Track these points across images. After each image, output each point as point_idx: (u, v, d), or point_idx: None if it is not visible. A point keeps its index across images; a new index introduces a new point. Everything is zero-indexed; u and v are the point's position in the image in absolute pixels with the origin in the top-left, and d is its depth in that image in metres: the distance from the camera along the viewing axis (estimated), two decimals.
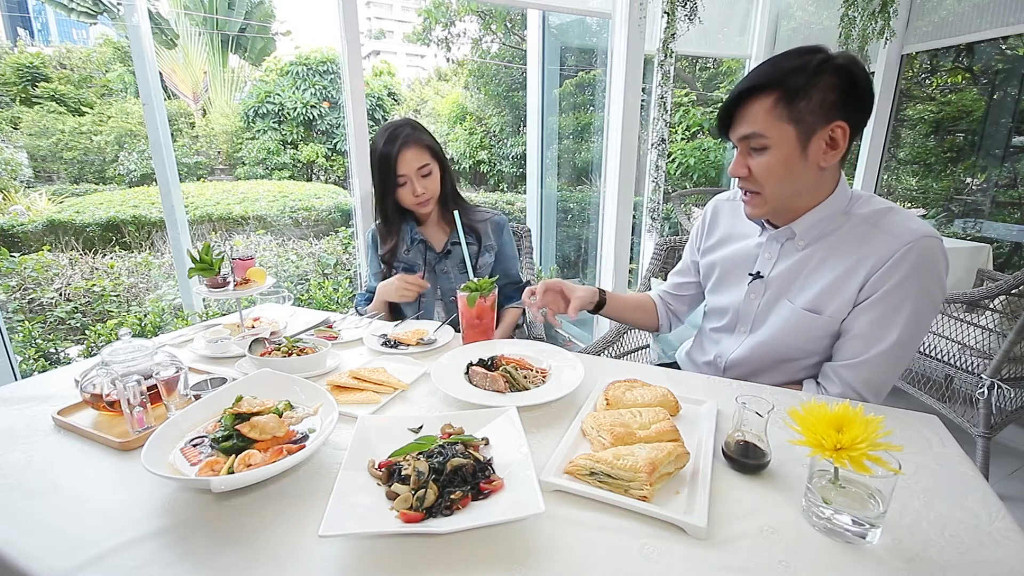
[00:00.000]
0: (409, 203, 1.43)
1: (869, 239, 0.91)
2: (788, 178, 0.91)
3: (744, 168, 0.94)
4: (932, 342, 1.95)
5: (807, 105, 0.85)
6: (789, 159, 0.89)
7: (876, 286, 0.90)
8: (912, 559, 0.56)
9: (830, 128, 0.86)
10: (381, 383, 0.97)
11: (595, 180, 3.42)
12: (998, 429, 1.76)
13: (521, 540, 0.59)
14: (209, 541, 0.59)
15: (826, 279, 0.95)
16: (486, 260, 1.52)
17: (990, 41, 3.01)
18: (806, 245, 0.98)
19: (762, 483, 0.69)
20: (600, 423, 0.76)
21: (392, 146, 1.35)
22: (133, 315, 2.60)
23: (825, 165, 0.90)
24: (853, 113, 0.86)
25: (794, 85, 0.84)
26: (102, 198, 5.32)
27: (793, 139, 0.87)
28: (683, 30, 2.61)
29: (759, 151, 0.91)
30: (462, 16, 7.32)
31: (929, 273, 0.87)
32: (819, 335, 0.98)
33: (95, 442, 0.80)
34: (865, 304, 0.91)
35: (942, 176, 3.63)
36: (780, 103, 0.86)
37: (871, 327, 0.91)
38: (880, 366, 0.92)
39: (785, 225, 1.00)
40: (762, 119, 0.88)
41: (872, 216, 0.93)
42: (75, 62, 7.55)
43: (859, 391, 0.94)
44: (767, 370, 1.07)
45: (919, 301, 0.88)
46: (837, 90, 0.84)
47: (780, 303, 1.01)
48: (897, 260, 0.87)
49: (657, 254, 1.83)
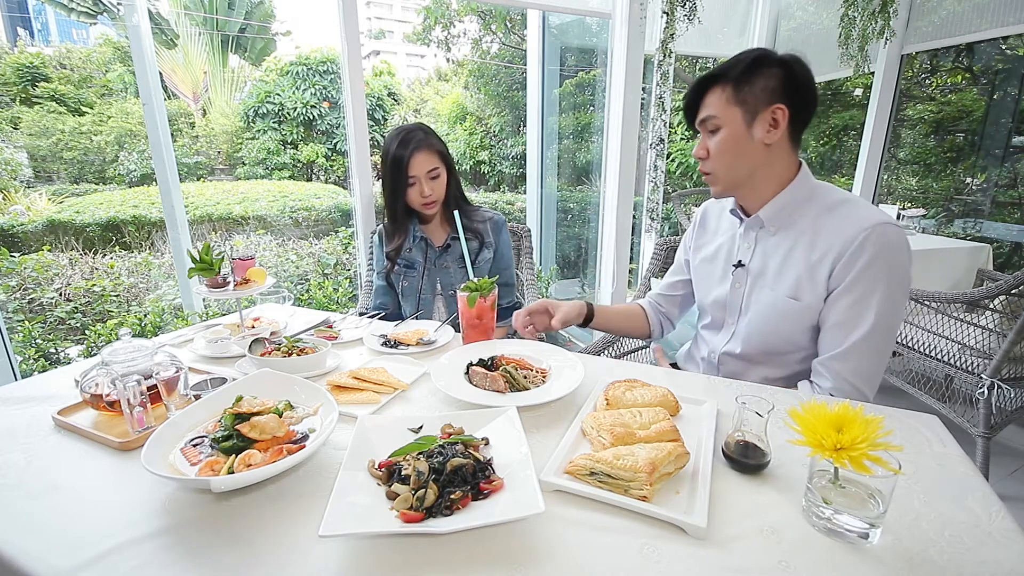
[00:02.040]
0: (416, 203, 1.50)
1: (830, 227, 1.00)
2: (738, 154, 1.03)
3: (703, 149, 1.07)
4: (932, 342, 1.95)
5: (750, 90, 0.98)
6: (737, 136, 1.01)
7: (843, 274, 0.97)
8: (912, 559, 0.56)
9: (771, 110, 0.98)
10: (381, 383, 0.97)
11: (595, 180, 3.42)
12: (998, 429, 1.76)
13: (521, 540, 0.59)
14: (209, 541, 0.59)
15: (799, 265, 1.02)
16: (485, 256, 1.58)
17: (990, 41, 3.01)
18: (776, 231, 1.07)
19: (762, 483, 0.69)
20: (600, 423, 0.76)
21: (405, 149, 1.43)
22: (133, 315, 2.60)
23: (769, 142, 1.01)
24: (793, 99, 0.98)
25: (739, 74, 0.99)
26: (102, 198, 5.32)
27: (740, 119, 1.00)
28: (683, 30, 2.61)
29: (714, 132, 1.04)
30: (462, 16, 7.32)
31: (892, 257, 0.94)
32: (802, 325, 1.04)
33: (95, 442, 0.80)
34: (836, 293, 0.98)
35: (942, 176, 3.63)
36: (728, 89, 1.00)
37: (847, 314, 0.97)
38: (865, 352, 0.97)
39: (755, 214, 1.08)
40: (715, 104, 1.02)
41: (832, 204, 1.02)
42: (75, 62, 7.55)
43: (851, 381, 0.98)
44: (758, 363, 1.12)
45: (888, 284, 0.94)
46: (776, 78, 0.97)
47: (762, 291, 1.08)
48: (857, 247, 0.95)
49: (657, 254, 1.84)
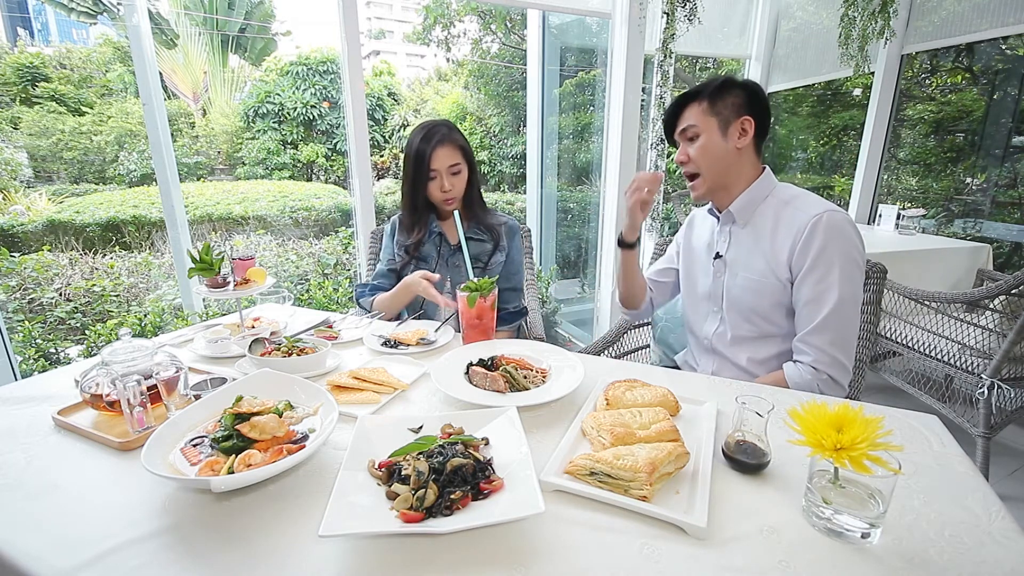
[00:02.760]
0: (436, 197, 1.50)
1: (785, 217, 1.17)
2: (715, 157, 1.20)
3: (685, 155, 1.23)
4: (932, 342, 1.95)
5: (723, 104, 1.18)
6: (714, 142, 1.19)
7: (801, 257, 1.12)
8: (912, 559, 0.56)
9: (740, 121, 1.18)
10: (381, 383, 0.97)
11: (595, 180, 3.42)
12: (998, 429, 1.76)
13: (521, 540, 0.59)
14: (209, 541, 0.59)
15: (764, 250, 1.19)
16: (498, 259, 1.58)
17: (990, 41, 3.01)
18: (744, 224, 1.24)
19: (762, 483, 0.69)
20: (600, 423, 0.76)
21: (428, 143, 1.44)
22: (133, 315, 2.60)
23: (740, 147, 1.19)
24: (756, 112, 1.18)
25: (712, 91, 1.19)
26: (102, 198, 5.31)
27: (715, 127, 1.18)
28: (683, 30, 2.61)
29: (693, 139, 1.21)
30: (462, 16, 7.31)
31: (842, 238, 1.10)
32: (773, 301, 1.19)
33: (95, 442, 0.80)
34: (801, 275, 1.13)
35: (942, 176, 3.62)
36: (704, 103, 1.19)
37: (813, 292, 1.12)
38: (836, 323, 1.10)
39: (726, 209, 1.25)
40: (694, 115, 1.20)
41: (787, 198, 1.19)
42: (75, 62, 7.54)
43: (828, 352, 1.10)
44: (746, 345, 1.25)
45: (843, 260, 1.10)
46: (742, 97, 1.18)
47: (738, 276, 1.24)
48: (808, 232, 1.11)
49: (657, 254, 1.83)
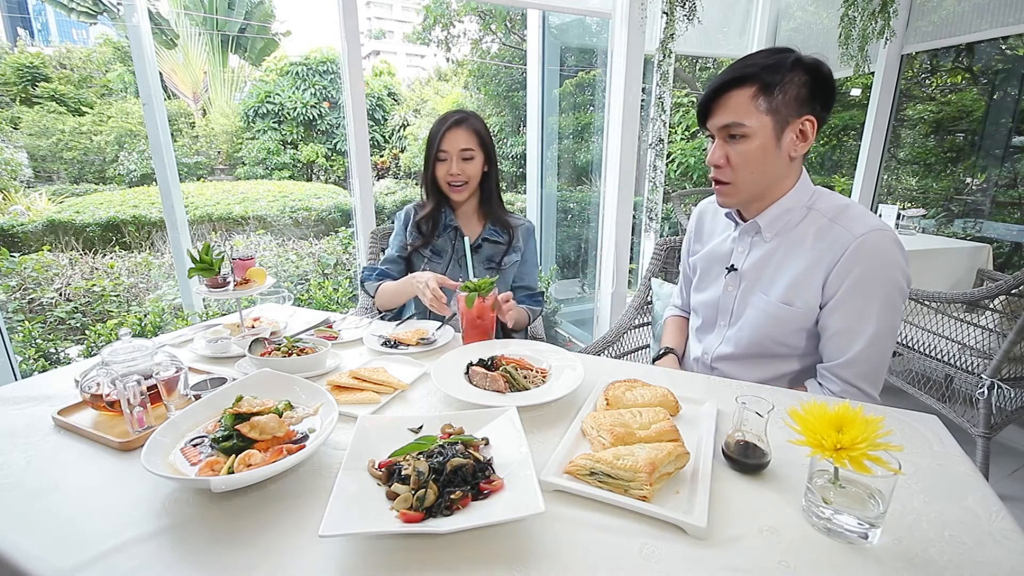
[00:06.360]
0: (443, 179, 1.46)
1: (826, 235, 0.97)
2: (763, 166, 0.96)
3: (723, 157, 0.98)
4: (932, 342, 1.95)
5: (783, 98, 0.91)
6: (766, 148, 0.94)
7: (838, 282, 0.94)
8: (912, 559, 0.56)
9: (801, 121, 0.93)
10: (381, 383, 0.97)
11: (595, 180, 3.42)
12: (998, 429, 1.76)
13: (521, 540, 0.59)
14: (209, 541, 0.59)
15: (792, 272, 1.00)
16: (512, 259, 1.56)
17: (990, 41, 3.01)
18: (772, 237, 1.04)
19: (762, 483, 0.69)
20: (600, 423, 0.76)
21: (443, 124, 1.43)
22: (133, 315, 2.60)
23: (795, 155, 0.96)
24: (819, 109, 0.93)
25: (771, 79, 0.91)
26: (102, 198, 5.32)
27: (770, 129, 0.93)
28: (682, 30, 2.61)
29: (737, 139, 0.96)
30: (462, 16, 7.31)
31: (886, 263, 0.92)
32: (794, 328, 1.02)
33: (95, 442, 0.80)
34: (834, 302, 0.96)
35: (942, 176, 3.63)
36: (759, 95, 0.92)
37: (847, 322, 0.95)
38: (870, 358, 0.96)
39: (752, 219, 1.05)
40: (742, 109, 0.93)
41: (829, 211, 0.99)
42: (75, 62, 7.54)
43: (858, 386, 0.99)
44: (751, 365, 1.10)
45: (885, 291, 0.93)
46: (807, 86, 0.91)
47: (755, 295, 1.06)
48: (850, 255, 0.92)
49: (657, 254, 1.83)
